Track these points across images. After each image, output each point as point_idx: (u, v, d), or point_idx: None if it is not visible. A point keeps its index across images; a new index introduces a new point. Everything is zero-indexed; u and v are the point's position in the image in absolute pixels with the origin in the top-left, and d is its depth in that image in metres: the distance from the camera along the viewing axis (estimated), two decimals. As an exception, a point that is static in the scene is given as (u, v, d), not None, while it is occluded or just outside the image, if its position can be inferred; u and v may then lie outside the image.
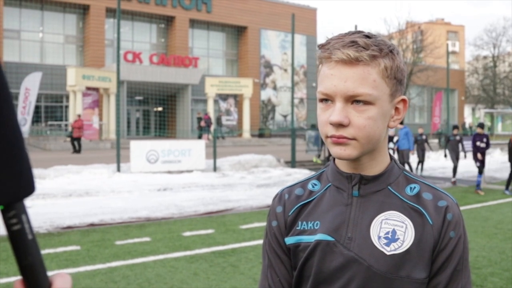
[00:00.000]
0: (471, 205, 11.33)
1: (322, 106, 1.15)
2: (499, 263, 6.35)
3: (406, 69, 1.20)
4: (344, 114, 1.10)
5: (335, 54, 1.10)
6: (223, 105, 36.82)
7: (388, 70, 1.12)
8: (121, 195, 12.02)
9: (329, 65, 1.12)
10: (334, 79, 1.10)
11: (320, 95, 1.14)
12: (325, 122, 1.13)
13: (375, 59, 1.10)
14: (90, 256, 6.52)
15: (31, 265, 0.64)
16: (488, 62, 58.05)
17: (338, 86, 1.10)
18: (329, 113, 1.12)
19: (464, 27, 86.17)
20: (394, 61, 1.14)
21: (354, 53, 1.08)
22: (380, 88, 1.12)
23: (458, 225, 1.17)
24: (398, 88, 1.17)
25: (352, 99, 1.10)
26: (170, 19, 38.43)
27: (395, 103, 1.18)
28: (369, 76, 1.10)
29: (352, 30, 1.16)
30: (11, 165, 0.62)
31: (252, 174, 16.36)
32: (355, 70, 1.09)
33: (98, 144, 27.33)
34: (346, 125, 1.10)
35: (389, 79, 1.13)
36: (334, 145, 1.14)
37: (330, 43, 1.12)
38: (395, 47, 1.15)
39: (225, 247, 7.07)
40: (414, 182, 1.22)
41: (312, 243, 1.19)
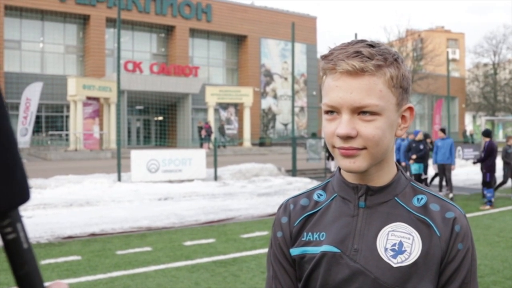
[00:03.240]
0: (473, 213, 11.29)
1: (328, 118, 1.13)
2: (502, 271, 6.32)
3: (410, 77, 1.18)
4: (351, 126, 1.09)
5: (340, 65, 1.08)
6: (224, 114, 36.83)
7: (394, 80, 1.11)
8: (121, 205, 12.00)
9: (334, 76, 1.10)
10: (339, 91, 1.09)
11: (325, 107, 1.13)
12: (331, 134, 1.12)
13: (380, 68, 1.09)
14: (91, 266, 6.49)
15: (27, 274, 0.63)
16: (489, 69, 58.12)
17: (344, 97, 1.08)
18: (335, 125, 1.11)
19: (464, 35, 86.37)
20: (400, 69, 1.13)
21: (359, 63, 1.07)
22: (387, 98, 1.11)
23: (466, 237, 1.15)
24: (404, 97, 1.16)
25: (358, 110, 1.09)
26: (170, 29, 38.53)
27: (401, 112, 1.17)
28: (375, 87, 1.08)
29: (355, 40, 1.14)
30: (5, 172, 0.60)
31: (253, 183, 16.33)
32: (361, 81, 1.08)
33: (99, 153, 27.32)
34: (354, 137, 1.09)
35: (395, 88, 1.12)
36: (343, 158, 1.12)
37: (334, 53, 1.11)
38: (399, 55, 1.14)
39: (226, 256, 7.04)
40: (421, 193, 1.21)
41: (317, 254, 1.17)
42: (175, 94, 34.80)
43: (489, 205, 12.01)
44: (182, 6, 38.05)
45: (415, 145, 13.88)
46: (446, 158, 13.53)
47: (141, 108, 37.90)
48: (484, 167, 12.52)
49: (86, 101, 29.19)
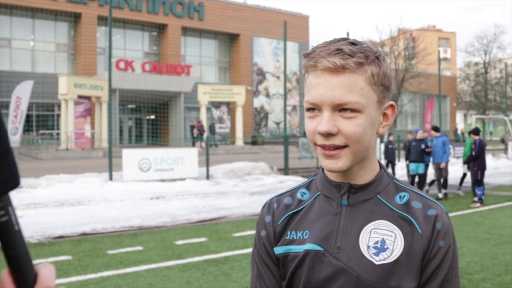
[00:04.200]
0: (463, 210, 11.36)
1: (310, 115, 1.13)
2: (491, 268, 6.36)
3: (392, 75, 1.18)
4: (332, 123, 1.09)
5: (321, 62, 1.08)
6: (216, 113, 36.79)
7: (375, 77, 1.11)
8: (113, 204, 11.97)
9: (315, 73, 1.11)
10: (320, 88, 1.09)
11: (307, 104, 1.13)
12: (313, 131, 1.12)
13: (361, 66, 1.09)
14: (81, 266, 6.47)
15: (17, 255, 0.66)
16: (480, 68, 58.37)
17: (325, 95, 1.09)
18: (316, 122, 1.11)
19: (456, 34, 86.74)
20: (381, 67, 1.13)
21: (340, 60, 1.07)
22: (368, 96, 1.11)
23: (447, 234, 1.16)
24: (386, 95, 1.16)
25: (339, 108, 1.09)
26: (162, 27, 38.44)
27: (383, 110, 1.17)
28: (356, 84, 1.09)
29: (337, 38, 1.15)
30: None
31: (245, 182, 16.33)
32: (342, 78, 1.08)
33: (90, 152, 27.22)
34: (335, 134, 1.09)
35: (376, 86, 1.12)
36: (325, 158, 1.13)
37: (316, 51, 1.11)
38: (381, 53, 1.14)
39: (217, 255, 7.04)
40: (403, 191, 1.21)
41: (301, 253, 1.17)
42: (167, 92, 34.71)
43: (479, 203, 12.05)
44: (174, 5, 37.96)
45: (415, 143, 13.74)
46: (439, 156, 13.39)
47: (133, 107, 37.79)
48: (475, 165, 12.52)
49: (78, 100, 29.05)
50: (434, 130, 13.72)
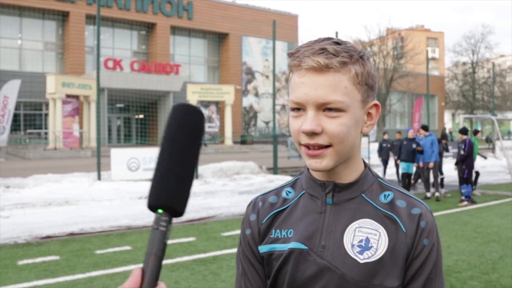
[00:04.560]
0: (451, 209, 11.43)
1: (294, 114, 1.13)
2: (478, 266, 6.41)
3: (377, 74, 1.18)
4: (316, 122, 1.09)
5: (305, 62, 1.08)
6: (205, 112, 36.74)
7: (359, 77, 1.11)
8: (101, 204, 11.91)
9: (300, 73, 1.11)
10: (305, 87, 1.09)
11: (291, 103, 1.13)
12: (297, 131, 1.12)
13: (345, 65, 1.09)
14: (69, 266, 6.43)
15: (155, 259, 0.78)
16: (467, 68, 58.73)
17: (309, 94, 1.08)
18: (301, 122, 1.11)
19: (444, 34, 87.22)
20: (365, 67, 1.13)
21: (324, 60, 1.07)
22: (352, 95, 1.11)
23: (431, 233, 1.16)
24: (370, 94, 1.16)
25: (323, 107, 1.09)
26: (151, 26, 38.33)
27: (367, 109, 1.17)
28: (340, 83, 1.09)
29: (322, 37, 1.15)
30: (186, 185, 0.82)
31: (234, 181, 16.33)
32: (326, 78, 1.08)
33: (79, 152, 27.09)
34: (319, 133, 1.09)
35: (360, 85, 1.12)
36: (309, 158, 1.13)
37: (300, 51, 1.11)
38: (365, 53, 1.14)
39: (206, 254, 7.03)
40: (388, 190, 1.21)
41: (285, 251, 1.17)
42: (156, 92, 34.62)
43: (467, 201, 12.10)
44: (163, 4, 37.87)
45: (406, 143, 13.68)
46: (428, 156, 13.29)
47: (122, 106, 37.65)
48: (464, 164, 12.56)
49: (66, 99, 28.91)
50: (423, 129, 13.70)
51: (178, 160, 0.82)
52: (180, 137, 0.83)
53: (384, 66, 47.23)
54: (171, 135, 0.83)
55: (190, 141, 0.83)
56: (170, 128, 0.84)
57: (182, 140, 0.83)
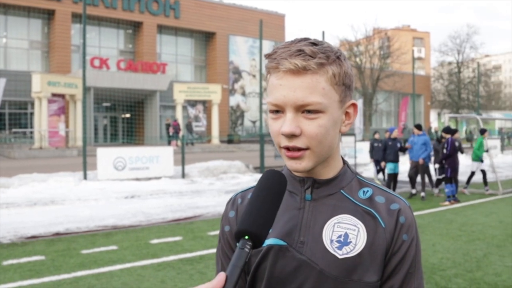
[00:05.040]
0: (436, 208, 11.52)
1: (273, 117, 1.14)
2: (463, 264, 6.47)
3: (353, 74, 1.19)
4: (295, 124, 1.10)
5: (283, 64, 1.09)
6: (192, 111, 36.66)
7: (336, 77, 1.12)
8: (87, 203, 11.85)
9: (278, 75, 1.11)
10: (283, 89, 1.10)
11: (270, 106, 1.14)
12: (277, 133, 1.13)
13: (323, 66, 1.10)
14: (55, 266, 6.40)
15: (239, 273, 0.95)
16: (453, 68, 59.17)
17: (288, 96, 1.09)
18: (280, 124, 1.12)
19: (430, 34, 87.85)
20: (342, 67, 1.14)
21: (302, 62, 1.08)
22: (330, 96, 1.12)
23: (410, 228, 1.18)
24: (347, 94, 1.17)
25: (302, 109, 1.10)
26: (138, 25, 38.15)
27: (345, 109, 1.18)
28: (318, 85, 1.09)
29: (298, 38, 1.15)
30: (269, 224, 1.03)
31: (221, 180, 16.32)
32: (304, 79, 1.09)
33: (64, 151, 26.89)
34: (298, 135, 1.10)
35: (337, 85, 1.13)
36: (289, 159, 1.14)
37: (277, 52, 1.12)
38: (341, 53, 1.16)
39: (193, 254, 7.03)
40: (367, 186, 1.23)
41: (264, 247, 1.18)
42: (142, 91, 34.47)
43: (448, 201, 12.15)
44: (149, 2, 37.70)
45: (391, 143, 13.57)
46: (417, 155, 13.21)
47: (108, 105, 37.43)
48: (446, 163, 12.64)
49: (51, 98, 28.66)
50: (416, 128, 13.65)
51: (268, 206, 1.04)
52: (273, 190, 1.06)
53: (370, 66, 47.43)
54: (268, 185, 1.07)
55: (279, 194, 1.06)
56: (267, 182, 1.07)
57: (274, 193, 1.05)
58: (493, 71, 72.04)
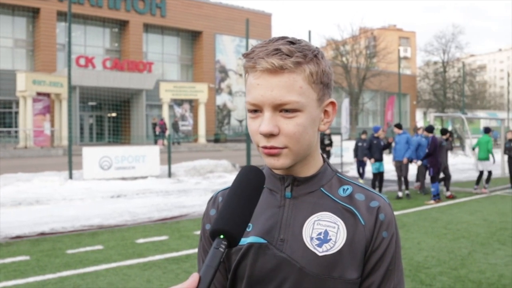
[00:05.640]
0: (421, 206, 11.60)
1: (252, 116, 1.14)
2: (448, 262, 6.53)
3: (332, 72, 1.19)
4: (273, 124, 1.10)
5: (260, 63, 1.09)
6: (178, 111, 36.56)
7: (314, 76, 1.12)
8: (73, 203, 11.77)
9: (255, 74, 1.11)
10: (260, 88, 1.10)
11: (248, 105, 1.14)
12: (255, 132, 1.13)
13: (300, 65, 1.10)
14: (40, 266, 6.35)
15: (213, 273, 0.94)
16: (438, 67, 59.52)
17: (265, 95, 1.09)
18: (258, 123, 1.12)
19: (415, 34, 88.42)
20: (319, 65, 1.14)
21: (278, 61, 1.08)
22: (307, 94, 1.12)
23: (390, 225, 1.18)
24: (326, 92, 1.17)
25: (280, 108, 1.10)
26: (124, 24, 37.96)
27: (323, 107, 1.18)
28: (295, 83, 1.09)
29: (276, 37, 1.15)
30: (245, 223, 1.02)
31: (207, 180, 16.30)
32: (281, 78, 1.09)
33: (50, 151, 26.69)
34: (276, 134, 1.10)
35: (315, 84, 1.13)
36: (267, 157, 1.14)
37: (254, 51, 1.12)
38: (319, 51, 1.16)
39: (179, 253, 7.02)
40: (347, 184, 1.23)
41: (244, 245, 1.18)
42: (128, 90, 34.31)
43: (433, 200, 12.22)
44: (135, 1, 37.53)
45: (376, 142, 13.53)
46: (401, 154, 13.18)
47: (94, 104, 37.21)
48: (427, 162, 12.72)
49: (36, 97, 28.45)
50: (396, 127, 13.68)
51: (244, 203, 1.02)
52: (249, 187, 1.05)
53: (357, 65, 47.60)
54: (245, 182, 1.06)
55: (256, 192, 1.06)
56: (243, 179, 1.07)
57: (251, 189, 1.05)
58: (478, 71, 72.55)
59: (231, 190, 1.05)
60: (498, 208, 11.36)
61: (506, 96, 58.44)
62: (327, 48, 49.72)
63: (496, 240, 7.92)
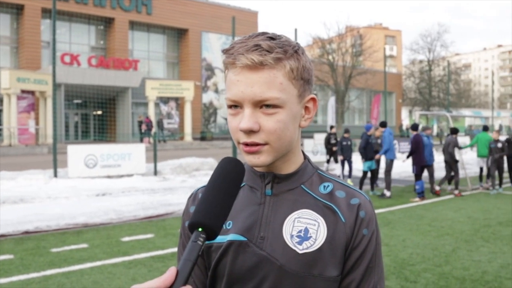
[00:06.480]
0: (406, 204, 11.67)
1: (232, 112, 1.13)
2: (432, 259, 6.58)
3: (312, 67, 1.18)
4: (253, 120, 1.09)
5: (239, 59, 1.08)
6: (164, 108, 36.43)
7: (294, 72, 1.12)
8: (58, 201, 11.68)
9: (235, 70, 1.11)
10: (240, 85, 1.09)
11: (228, 101, 1.13)
12: (236, 129, 1.13)
13: (280, 61, 1.09)
14: (24, 265, 6.29)
15: (191, 267, 0.91)
16: (424, 66, 59.96)
17: (245, 92, 1.09)
18: (239, 119, 1.11)
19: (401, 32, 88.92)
20: (300, 61, 1.13)
21: (258, 57, 1.07)
22: (288, 90, 1.11)
23: (371, 223, 1.18)
24: (306, 88, 1.17)
25: (260, 104, 1.09)
26: (109, 21, 37.73)
27: (304, 103, 1.18)
28: (275, 80, 1.09)
29: (256, 32, 1.15)
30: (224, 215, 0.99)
31: (194, 178, 16.26)
32: (261, 75, 1.08)
33: (35, 149, 26.47)
34: (256, 131, 1.10)
35: (295, 80, 1.13)
36: (247, 154, 1.13)
37: (234, 47, 1.11)
38: (300, 47, 1.15)
39: (164, 251, 6.99)
40: (328, 181, 1.23)
41: (224, 243, 1.18)
42: (114, 87, 34.13)
43: (418, 197, 12.27)
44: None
45: (371, 140, 13.50)
46: (393, 153, 13.15)
47: (79, 102, 36.96)
48: (412, 159, 12.83)
49: (21, 95, 28.19)
50: (381, 126, 13.75)
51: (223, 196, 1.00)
52: (228, 178, 1.02)
53: (343, 63, 47.77)
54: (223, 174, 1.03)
55: (235, 183, 1.03)
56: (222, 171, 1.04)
57: (230, 181, 1.02)
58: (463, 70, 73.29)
59: (209, 183, 1.02)
60: (482, 205, 11.47)
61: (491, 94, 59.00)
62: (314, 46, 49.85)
63: (480, 237, 8.00)
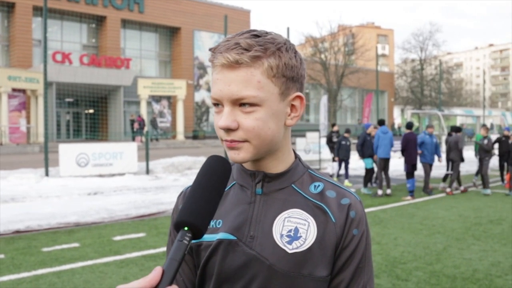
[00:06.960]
0: (398, 202, 11.72)
1: (216, 110, 1.15)
2: (423, 257, 6.61)
3: (300, 65, 1.17)
4: (231, 118, 1.10)
5: (217, 58, 1.10)
6: (157, 107, 36.33)
7: (273, 69, 1.11)
8: (49, 200, 11.63)
9: (215, 69, 1.13)
10: (219, 83, 1.11)
11: (211, 100, 1.15)
12: (218, 127, 1.14)
13: (258, 59, 1.09)
14: (14, 264, 6.27)
15: (176, 267, 0.90)
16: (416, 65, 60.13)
17: (223, 90, 1.10)
18: (220, 117, 1.13)
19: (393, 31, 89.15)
20: (281, 59, 1.12)
21: (235, 56, 1.08)
22: (267, 89, 1.11)
23: (361, 223, 1.18)
24: (290, 86, 1.15)
25: (238, 102, 1.10)
26: (101, 19, 37.57)
27: (289, 101, 1.17)
28: (252, 78, 1.09)
29: (244, 30, 1.15)
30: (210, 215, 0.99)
31: (186, 176, 16.24)
32: (238, 73, 1.09)
33: (26, 147, 26.34)
34: (235, 129, 1.10)
35: (276, 78, 1.12)
36: (228, 150, 1.14)
37: (219, 46, 1.12)
38: (284, 44, 1.14)
39: (156, 250, 6.98)
40: (318, 181, 1.23)
41: (214, 242, 1.17)
42: (106, 86, 34.00)
43: (410, 195, 12.32)
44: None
45: (369, 138, 13.50)
46: (387, 151, 13.05)
47: (71, 101, 36.79)
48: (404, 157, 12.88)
49: (12, 93, 28.04)
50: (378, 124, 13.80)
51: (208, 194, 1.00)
52: (214, 176, 1.03)
53: (335, 62, 47.83)
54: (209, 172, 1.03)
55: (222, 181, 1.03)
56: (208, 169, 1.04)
57: (216, 179, 1.02)
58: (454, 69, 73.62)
59: (195, 181, 1.02)
60: (473, 204, 11.53)
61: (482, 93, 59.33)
62: (306, 45, 49.87)
63: (471, 235, 8.05)
